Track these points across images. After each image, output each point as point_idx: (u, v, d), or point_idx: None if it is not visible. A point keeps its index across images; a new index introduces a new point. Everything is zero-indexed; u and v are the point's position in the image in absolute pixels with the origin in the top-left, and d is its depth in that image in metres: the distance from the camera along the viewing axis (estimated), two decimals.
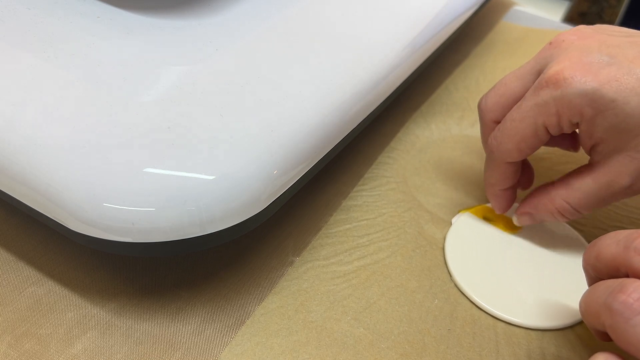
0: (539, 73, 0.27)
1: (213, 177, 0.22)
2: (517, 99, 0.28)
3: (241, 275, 0.28)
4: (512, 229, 0.31)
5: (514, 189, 0.30)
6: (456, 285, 0.28)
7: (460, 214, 0.32)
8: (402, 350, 0.25)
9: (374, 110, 0.31)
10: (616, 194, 0.26)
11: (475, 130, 0.38)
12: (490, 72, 0.44)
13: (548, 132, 0.26)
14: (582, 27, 0.28)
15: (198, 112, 0.24)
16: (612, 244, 0.21)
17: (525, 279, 0.29)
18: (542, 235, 0.31)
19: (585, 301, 0.22)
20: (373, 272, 0.29)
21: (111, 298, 0.27)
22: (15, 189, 0.24)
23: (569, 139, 0.30)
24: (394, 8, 0.33)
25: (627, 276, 0.20)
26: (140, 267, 0.28)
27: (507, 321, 0.27)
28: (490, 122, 0.29)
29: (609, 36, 0.26)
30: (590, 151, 0.26)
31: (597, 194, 0.26)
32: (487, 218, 0.31)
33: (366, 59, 0.30)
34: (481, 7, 0.42)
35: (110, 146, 0.22)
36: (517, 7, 0.52)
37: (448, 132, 0.38)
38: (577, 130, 0.27)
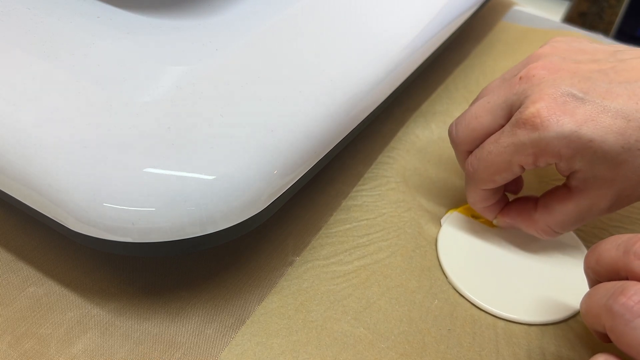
0: (510, 108, 0.27)
1: (213, 177, 0.22)
2: (488, 133, 0.27)
3: (241, 275, 0.28)
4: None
5: (500, 202, 0.30)
6: (452, 285, 0.28)
7: (448, 213, 0.32)
8: (402, 350, 0.25)
9: (374, 110, 0.31)
10: (595, 215, 0.27)
11: None
12: (491, 72, 0.44)
13: (522, 168, 0.26)
14: (548, 53, 0.28)
15: (198, 112, 0.24)
16: (612, 248, 0.21)
17: (519, 275, 0.29)
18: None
19: (586, 303, 0.22)
20: (373, 272, 0.29)
21: (111, 298, 0.27)
22: (15, 189, 0.24)
23: None
24: (393, 8, 0.33)
25: (628, 280, 0.20)
26: (140, 267, 0.28)
27: (505, 318, 0.27)
28: (464, 152, 0.29)
29: (577, 64, 0.26)
30: (569, 177, 0.27)
31: (578, 217, 0.27)
32: (475, 215, 0.32)
33: (366, 58, 0.30)
34: (481, 7, 0.42)
35: (110, 146, 0.22)
36: (517, 7, 0.52)
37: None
38: None
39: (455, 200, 0.33)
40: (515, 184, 0.31)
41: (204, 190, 0.22)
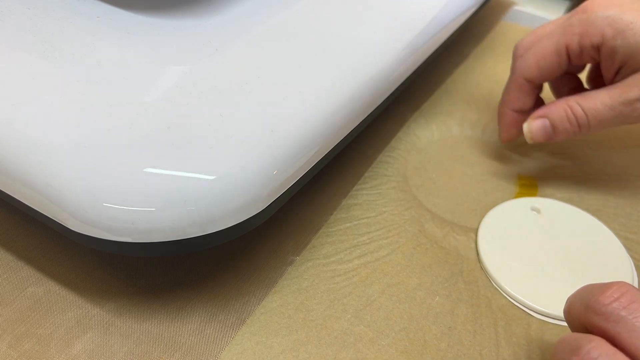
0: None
1: (213, 177, 0.22)
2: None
3: (241, 275, 0.28)
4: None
5: (522, 117, 0.32)
6: (485, 271, 0.29)
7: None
8: (402, 348, 0.25)
9: (374, 110, 0.31)
10: (626, 105, 0.28)
11: (476, 132, 0.38)
12: (491, 73, 0.44)
13: (568, 55, 0.29)
14: None
15: (198, 112, 0.24)
16: (577, 301, 0.22)
17: (555, 272, 0.29)
18: (576, 235, 0.31)
19: (552, 354, 0.22)
20: (373, 269, 0.29)
21: (111, 298, 0.27)
22: (15, 189, 0.24)
23: (575, 82, 0.34)
24: (393, 8, 0.34)
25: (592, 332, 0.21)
26: (140, 267, 0.28)
27: (539, 312, 0.27)
28: (519, 58, 0.32)
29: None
30: (613, 79, 0.29)
31: (608, 103, 0.29)
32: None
33: (366, 59, 0.30)
34: (481, 7, 0.42)
35: (110, 146, 0.22)
36: (517, 7, 0.52)
37: (449, 133, 0.38)
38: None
39: (455, 200, 0.33)
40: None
41: (204, 190, 0.22)
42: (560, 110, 0.30)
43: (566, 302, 0.23)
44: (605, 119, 0.29)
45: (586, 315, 0.21)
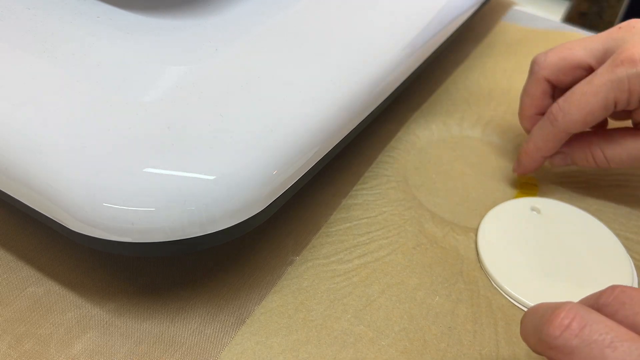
0: (606, 51, 0.29)
1: (213, 177, 0.22)
2: (577, 66, 0.30)
3: (241, 275, 0.28)
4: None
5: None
6: (484, 270, 0.29)
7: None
8: (402, 348, 0.25)
9: (374, 110, 0.31)
10: None
11: (476, 132, 0.38)
12: (491, 73, 0.44)
13: (614, 107, 0.28)
14: None
15: (198, 112, 0.24)
16: (530, 329, 0.21)
17: (555, 273, 0.29)
18: (576, 235, 0.31)
19: None
20: (373, 269, 0.29)
21: (111, 298, 0.27)
22: (15, 189, 0.24)
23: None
24: (393, 8, 0.34)
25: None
26: (140, 267, 0.28)
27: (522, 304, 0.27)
28: (542, 79, 0.31)
29: None
30: None
31: (632, 152, 0.29)
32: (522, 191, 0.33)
33: (366, 58, 0.30)
34: (481, 7, 0.42)
35: (110, 146, 0.22)
36: (517, 7, 0.52)
37: (448, 133, 0.38)
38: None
39: (455, 200, 0.33)
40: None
41: (203, 190, 0.22)
42: (582, 156, 0.31)
43: (521, 324, 0.22)
44: (625, 164, 0.30)
45: (541, 348, 0.20)
